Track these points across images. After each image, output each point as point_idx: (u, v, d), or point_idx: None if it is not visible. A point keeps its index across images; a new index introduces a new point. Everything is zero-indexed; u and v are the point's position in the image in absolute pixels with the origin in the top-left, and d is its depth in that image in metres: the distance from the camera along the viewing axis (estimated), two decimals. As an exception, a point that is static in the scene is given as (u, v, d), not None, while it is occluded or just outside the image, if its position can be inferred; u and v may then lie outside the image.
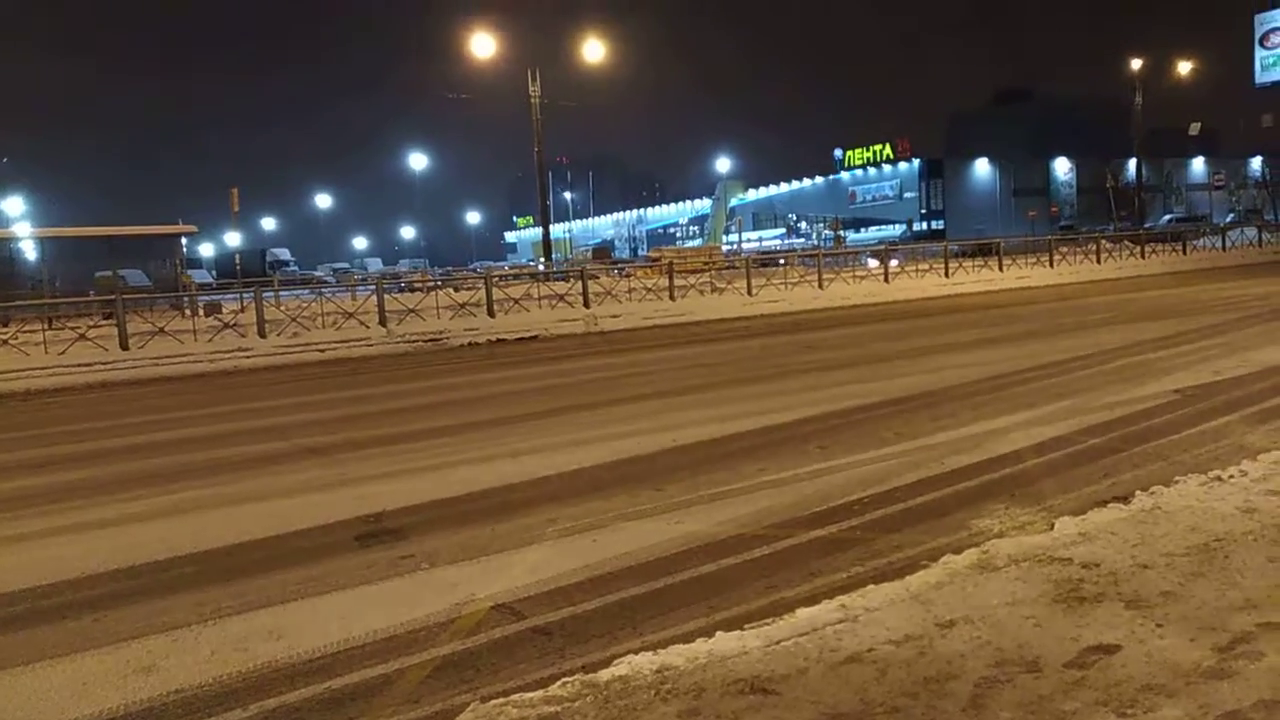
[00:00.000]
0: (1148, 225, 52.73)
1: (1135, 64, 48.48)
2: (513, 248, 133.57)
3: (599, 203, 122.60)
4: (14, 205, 54.40)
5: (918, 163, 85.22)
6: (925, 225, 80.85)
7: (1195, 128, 62.29)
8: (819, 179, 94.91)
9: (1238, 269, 29.65)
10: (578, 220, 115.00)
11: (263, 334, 18.81)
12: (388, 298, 21.13)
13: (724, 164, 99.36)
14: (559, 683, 3.22)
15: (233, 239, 60.78)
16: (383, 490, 6.54)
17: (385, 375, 14.44)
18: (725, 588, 4.38)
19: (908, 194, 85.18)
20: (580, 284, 23.57)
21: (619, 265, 43.54)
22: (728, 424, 8.20)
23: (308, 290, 30.74)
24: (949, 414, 8.11)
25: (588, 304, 22.64)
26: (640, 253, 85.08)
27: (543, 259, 38.65)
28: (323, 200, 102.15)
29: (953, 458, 6.56)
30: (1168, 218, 66.35)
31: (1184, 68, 51.14)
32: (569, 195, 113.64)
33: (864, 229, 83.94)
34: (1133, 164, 62.65)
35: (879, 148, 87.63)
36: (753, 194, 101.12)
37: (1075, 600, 3.59)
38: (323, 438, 8.86)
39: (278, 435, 9.21)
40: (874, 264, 33.52)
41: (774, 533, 5.12)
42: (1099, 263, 31.82)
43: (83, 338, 17.60)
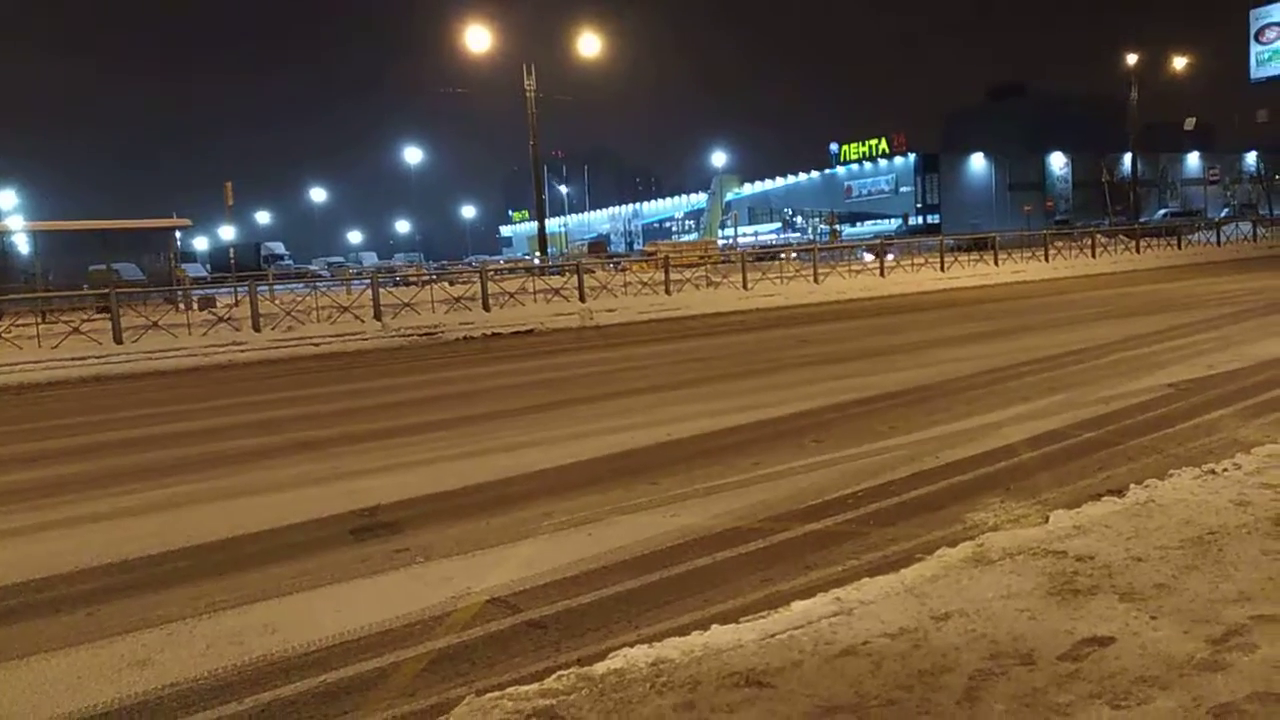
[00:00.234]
0: (1143, 220, 52.87)
1: (1131, 59, 48.54)
2: (508, 242, 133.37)
3: (594, 197, 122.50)
4: (7, 199, 54.16)
5: (913, 157, 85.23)
6: (921, 220, 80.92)
7: (1190, 123, 62.43)
8: (815, 173, 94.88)
9: (1232, 264, 29.73)
10: (573, 214, 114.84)
11: (257, 328, 18.78)
12: (383, 292, 21.13)
13: (720, 158, 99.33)
14: (554, 676, 3.23)
15: (227, 233, 60.60)
16: (377, 484, 6.54)
17: (380, 369, 14.42)
18: (720, 581, 4.38)
19: (903, 188, 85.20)
20: (576, 278, 23.57)
21: (614, 259, 43.55)
22: (723, 418, 8.21)
23: (302, 284, 30.66)
24: (944, 408, 8.12)
25: (583, 298, 22.64)
26: (636, 247, 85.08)
27: (538, 253, 38.64)
28: (318, 194, 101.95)
29: (947, 451, 6.57)
30: (1163, 212, 66.54)
31: (1179, 63, 51.24)
32: (564, 189, 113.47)
33: (860, 223, 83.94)
34: (1128, 159, 62.74)
35: (875, 142, 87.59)
36: (748, 188, 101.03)
37: (1069, 593, 3.60)
38: (317, 432, 8.85)
39: (272, 429, 9.20)
40: (869, 258, 33.57)
41: (769, 526, 5.13)
42: (1094, 257, 31.92)
43: (76, 331, 17.57)
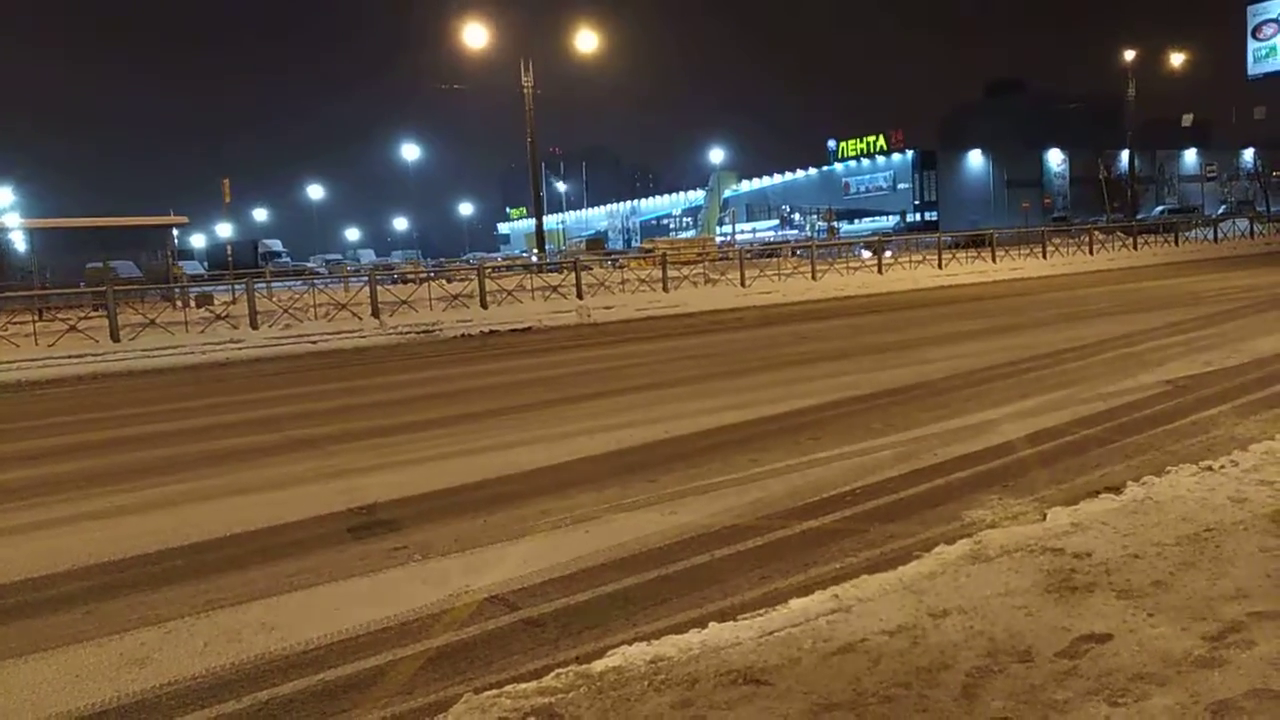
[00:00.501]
0: (1140, 217, 52.89)
1: (1128, 56, 48.53)
2: (506, 239, 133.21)
3: (592, 194, 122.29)
4: (4, 196, 54.03)
5: (911, 154, 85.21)
6: (919, 216, 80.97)
7: (1188, 119, 62.42)
8: (812, 170, 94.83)
9: (1229, 260, 29.77)
10: (571, 211, 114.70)
11: (255, 325, 18.77)
12: (380, 289, 21.11)
13: (718, 155, 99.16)
14: (553, 674, 3.23)
15: (224, 230, 60.59)
16: (375, 482, 6.53)
17: (378, 367, 14.41)
18: (718, 579, 4.38)
19: (901, 185, 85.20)
20: (574, 275, 23.56)
21: (612, 257, 43.52)
22: (721, 415, 8.21)
23: (300, 281, 30.65)
24: (942, 405, 8.13)
25: (581, 295, 22.63)
26: (634, 244, 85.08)
27: (536, 250, 38.61)
28: (315, 191, 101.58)
29: (945, 448, 6.57)
30: (1160, 209, 66.49)
31: (1177, 59, 51.23)
32: (562, 186, 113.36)
33: (857, 220, 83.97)
34: (1125, 155, 62.73)
35: (872, 139, 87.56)
36: (746, 185, 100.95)
37: (1067, 590, 3.61)
38: (315, 430, 8.84)
39: (270, 427, 9.19)
40: (867, 255, 33.59)
41: (767, 523, 5.13)
42: (1091, 254, 31.96)
43: (73, 329, 17.55)
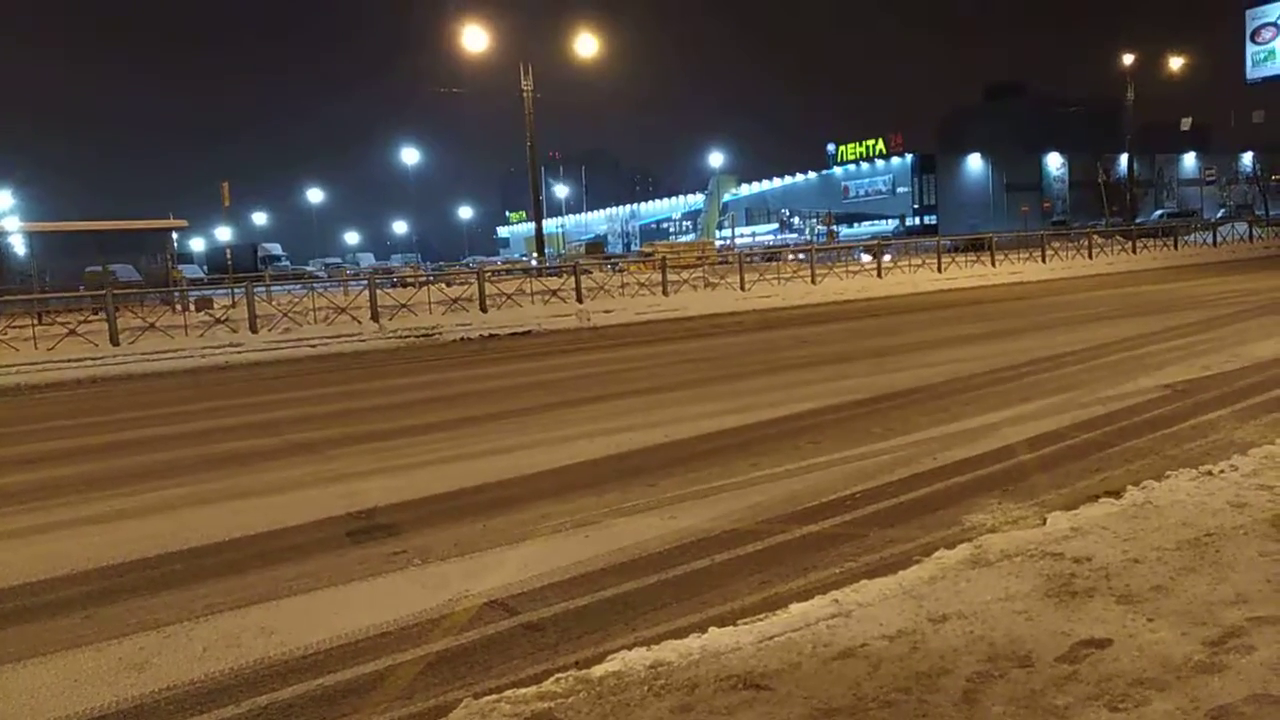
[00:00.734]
0: (1139, 220, 52.99)
1: (1127, 60, 48.63)
2: (505, 243, 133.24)
3: (592, 198, 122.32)
4: (3, 200, 54.02)
5: (910, 158, 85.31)
6: (918, 220, 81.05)
7: (1186, 123, 62.51)
8: (812, 174, 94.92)
9: (1228, 264, 29.79)
10: (571, 215, 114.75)
11: (254, 329, 18.76)
12: (380, 293, 21.10)
13: (717, 159, 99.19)
14: (552, 679, 3.22)
15: (224, 234, 60.56)
16: (375, 486, 6.53)
17: (377, 370, 14.41)
18: (718, 583, 4.38)
19: (900, 189, 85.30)
20: (573, 279, 23.55)
21: (612, 260, 43.51)
22: (720, 419, 8.21)
23: (299, 285, 30.62)
24: (941, 409, 8.13)
25: (581, 299, 22.63)
26: (633, 248, 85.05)
27: (535, 254, 38.61)
28: (315, 195, 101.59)
29: (945, 453, 6.57)
30: (1159, 213, 66.61)
31: (1176, 63, 51.32)
32: (562, 190, 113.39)
33: (857, 224, 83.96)
34: (1124, 159, 62.81)
35: (872, 143, 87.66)
36: (746, 189, 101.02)
37: (1067, 595, 3.60)
38: (315, 433, 8.84)
39: (269, 431, 9.18)
40: (867, 259, 33.58)
41: (767, 528, 5.12)
42: (1091, 258, 31.96)
43: (73, 333, 17.54)
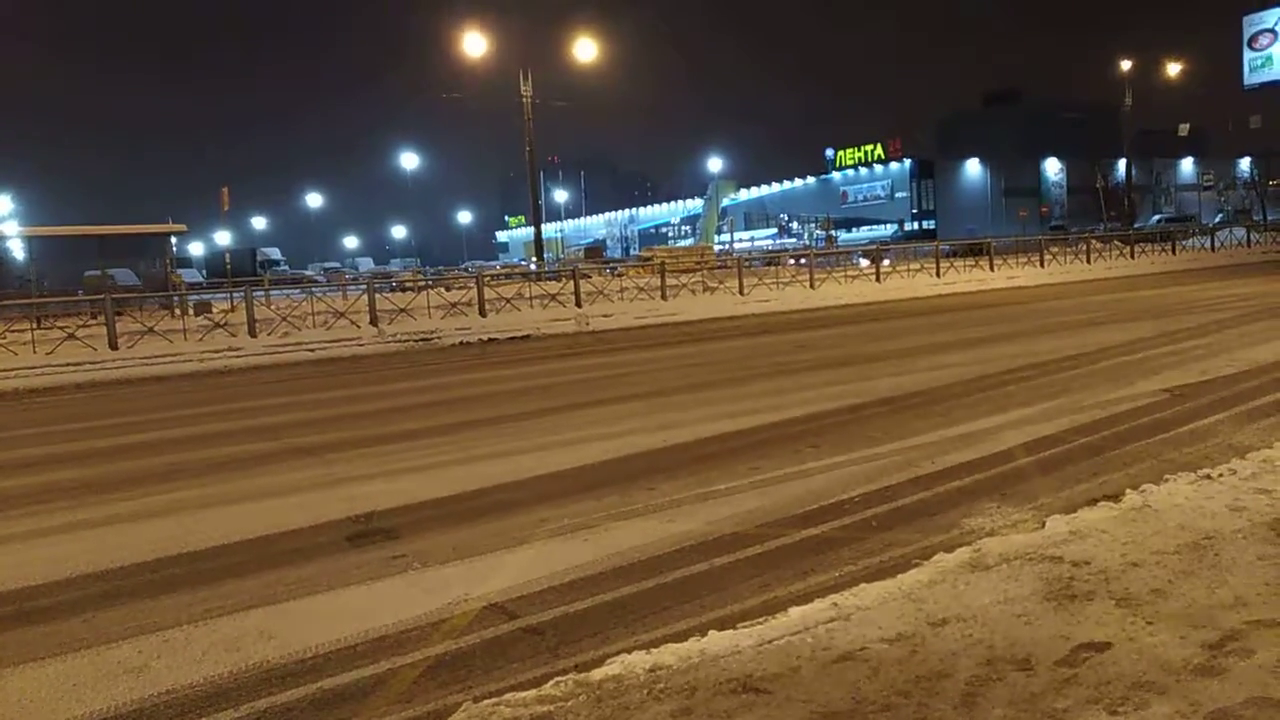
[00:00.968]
0: (1137, 225, 53.06)
1: (1125, 66, 48.72)
2: (504, 247, 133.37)
3: (591, 202, 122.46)
4: (2, 204, 54.06)
5: (909, 163, 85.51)
6: (916, 225, 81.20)
7: (1184, 129, 62.58)
8: (810, 179, 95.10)
9: (1226, 269, 29.83)
10: (570, 220, 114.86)
11: (253, 333, 18.76)
12: (379, 297, 21.10)
13: (716, 164, 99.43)
14: (552, 682, 3.22)
15: (223, 238, 60.66)
16: (374, 490, 6.53)
17: (376, 375, 14.41)
18: (717, 587, 4.38)
19: (899, 194, 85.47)
20: (572, 283, 23.57)
21: (611, 265, 43.54)
22: (719, 423, 8.21)
23: (298, 290, 30.66)
24: (940, 413, 8.13)
25: (579, 303, 22.65)
26: (632, 252, 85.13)
27: (534, 258, 38.64)
28: (314, 199, 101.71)
29: (944, 456, 6.57)
30: (1157, 218, 66.71)
31: (1173, 69, 51.44)
32: (561, 195, 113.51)
33: (855, 229, 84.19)
34: (1123, 164, 62.93)
35: (870, 148, 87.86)
36: (744, 194, 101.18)
37: (1066, 598, 3.61)
38: (314, 437, 8.84)
39: (268, 435, 9.18)
40: (865, 264, 33.65)
41: (766, 532, 5.12)
42: (1089, 263, 32.02)
43: (72, 337, 17.53)
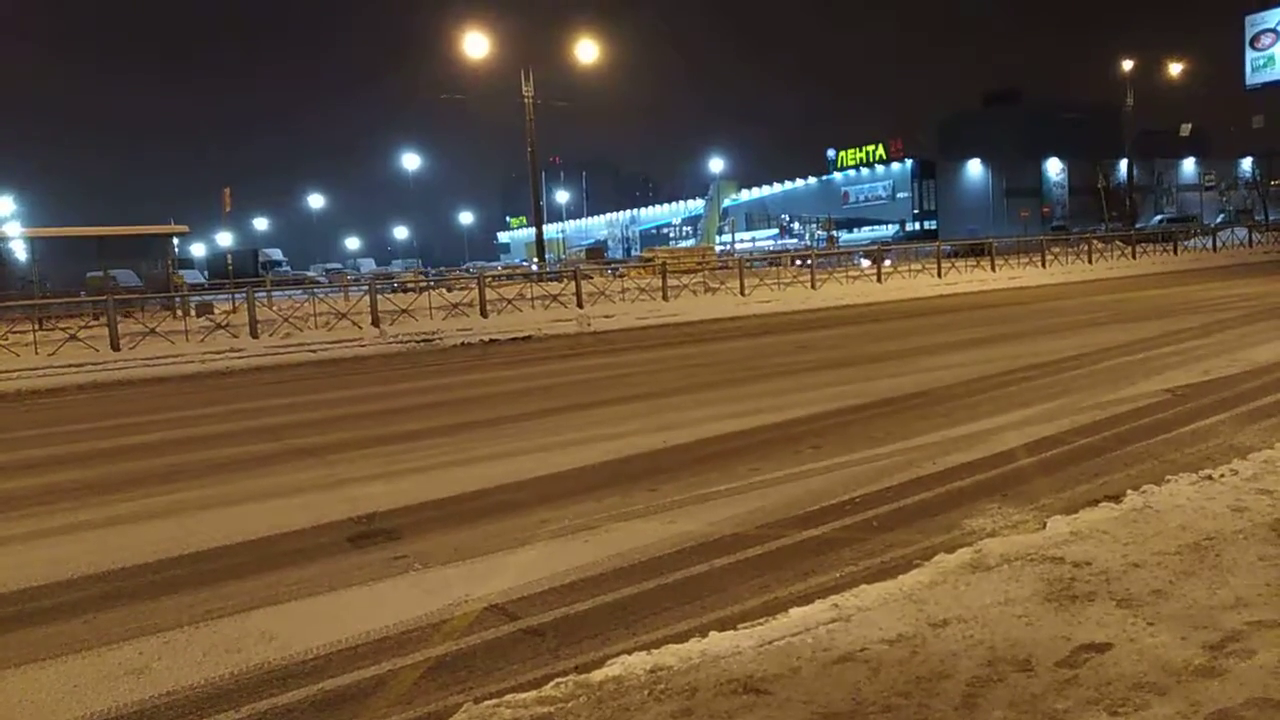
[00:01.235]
0: (1139, 226, 53.03)
1: (1126, 66, 48.70)
2: (506, 248, 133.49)
3: (592, 203, 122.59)
4: (4, 205, 54.13)
5: (910, 163, 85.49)
6: (918, 225, 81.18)
7: (1186, 129, 62.55)
8: (812, 179, 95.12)
9: (1228, 269, 29.80)
10: (571, 220, 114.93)
11: (255, 334, 18.77)
12: (380, 298, 21.11)
13: (717, 164, 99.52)
14: (552, 683, 3.22)
15: (225, 239, 60.72)
16: (375, 491, 6.53)
17: (378, 376, 14.41)
18: (718, 588, 4.38)
19: (900, 194, 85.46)
20: (574, 284, 23.57)
21: (612, 265, 43.53)
22: (721, 424, 8.21)
23: (300, 290, 30.66)
24: (941, 413, 8.13)
25: (581, 304, 22.65)
26: (634, 253, 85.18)
27: (536, 259, 38.65)
28: (315, 201, 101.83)
29: (945, 457, 6.57)
30: (1159, 218, 66.63)
31: (1175, 69, 51.39)
32: (562, 196, 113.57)
33: (857, 229, 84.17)
34: (1124, 165, 62.90)
35: (871, 148, 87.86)
36: (746, 194, 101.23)
37: (1067, 599, 3.60)
38: (315, 438, 8.84)
39: (270, 436, 9.19)
40: (867, 264, 33.64)
41: (767, 532, 5.12)
42: (1090, 263, 31.99)
43: (73, 338, 17.54)
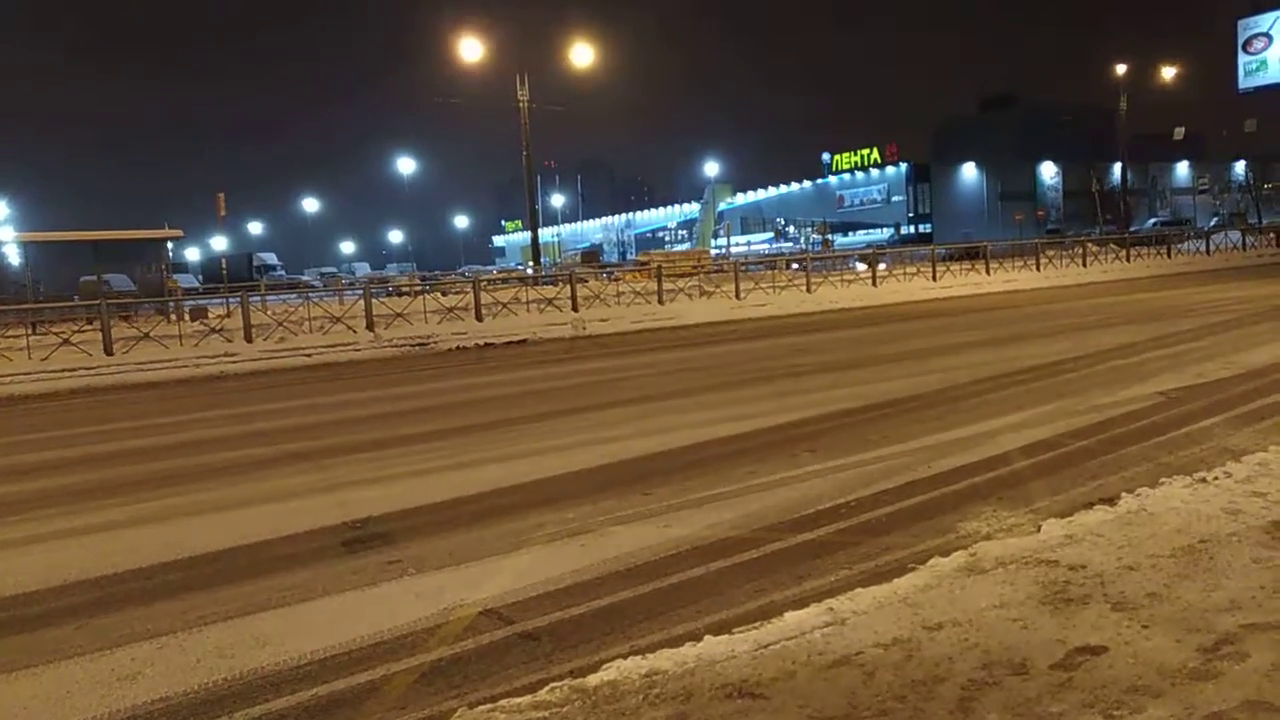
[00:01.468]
0: (1133, 229, 53.16)
1: (1120, 70, 48.86)
2: (501, 252, 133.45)
3: (588, 207, 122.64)
4: (-2, 210, 53.97)
5: (905, 167, 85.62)
6: (913, 229, 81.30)
7: (1179, 132, 62.71)
8: (807, 183, 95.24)
9: (1222, 272, 29.90)
10: (566, 224, 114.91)
11: (249, 339, 18.73)
12: (375, 302, 21.08)
13: (713, 168, 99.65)
14: (547, 688, 3.22)
15: (219, 244, 60.54)
16: (370, 495, 6.52)
17: (372, 380, 14.39)
18: (713, 591, 4.37)
19: (895, 198, 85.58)
20: (569, 288, 23.57)
21: (607, 269, 43.51)
22: (716, 428, 8.21)
23: (295, 295, 30.62)
24: (936, 417, 8.14)
25: (576, 308, 22.64)
26: (629, 256, 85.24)
27: (531, 263, 38.63)
28: (310, 205, 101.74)
29: (940, 460, 6.57)
30: (1153, 221, 66.91)
31: (1168, 73, 51.56)
32: (558, 199, 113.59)
33: (852, 233, 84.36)
34: (1118, 168, 63.10)
35: (866, 152, 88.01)
36: (741, 198, 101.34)
37: (1062, 602, 3.61)
38: (309, 443, 8.82)
39: (264, 440, 9.16)
40: (862, 267, 33.72)
41: (762, 536, 5.12)
42: (1085, 266, 32.08)
43: (67, 343, 17.49)
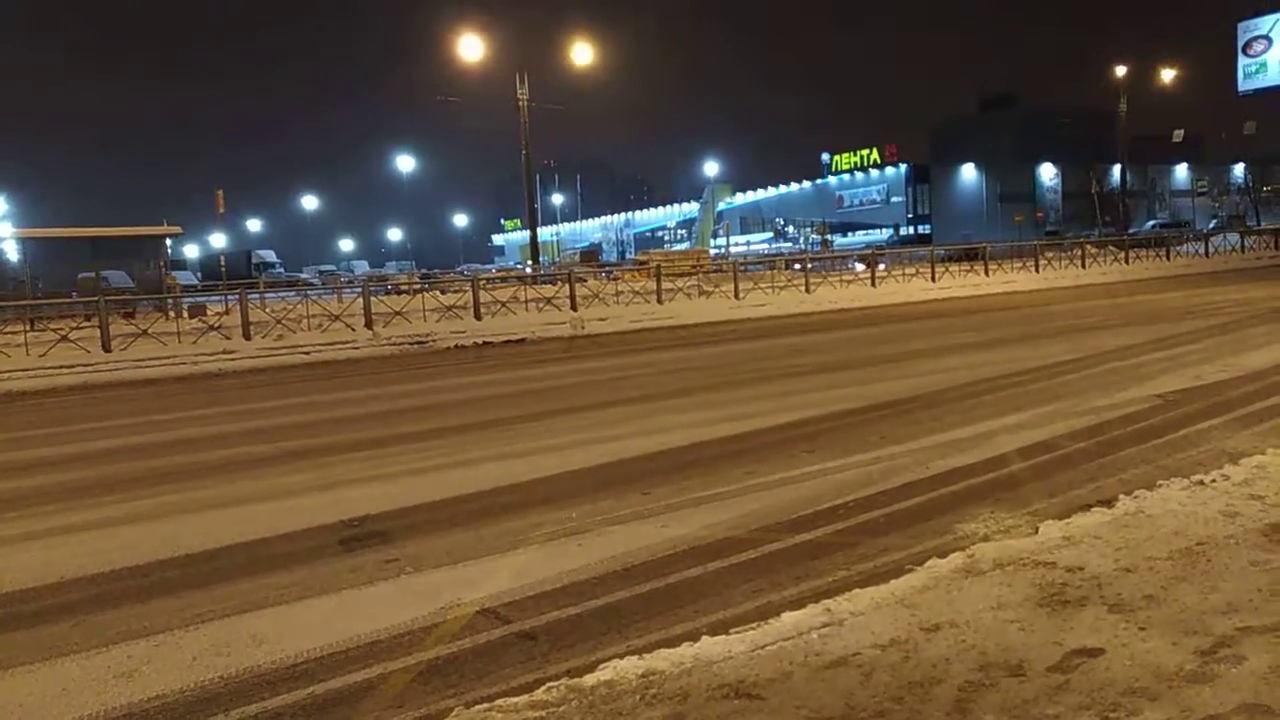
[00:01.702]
0: (1132, 231, 53.20)
1: (1120, 72, 48.89)
2: (500, 250, 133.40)
3: (587, 206, 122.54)
4: (-3, 206, 53.95)
5: (905, 167, 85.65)
6: (912, 230, 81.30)
7: (1178, 135, 62.77)
8: (806, 183, 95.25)
9: (1220, 275, 29.93)
10: (565, 223, 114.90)
11: (247, 336, 18.72)
12: (374, 300, 21.06)
13: (712, 168, 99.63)
14: (544, 687, 3.22)
15: (218, 241, 60.58)
16: (367, 494, 6.51)
17: (371, 378, 14.38)
18: (711, 592, 4.37)
19: (895, 198, 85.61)
20: (568, 287, 23.56)
21: (606, 268, 43.51)
22: (715, 427, 8.21)
23: (293, 292, 30.55)
24: (935, 418, 8.14)
25: (575, 307, 22.64)
26: (628, 256, 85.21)
27: (530, 262, 38.64)
28: (309, 202, 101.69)
29: (938, 461, 6.57)
30: (1152, 223, 66.95)
31: (1168, 75, 51.61)
32: (557, 198, 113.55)
33: (851, 233, 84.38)
34: (1117, 170, 63.13)
35: (866, 152, 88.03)
36: (740, 198, 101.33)
37: (1059, 604, 3.61)
38: (307, 441, 8.81)
39: (262, 438, 9.16)
40: (861, 268, 33.73)
41: (760, 536, 5.12)
42: (1084, 268, 32.09)
43: (65, 339, 17.47)
